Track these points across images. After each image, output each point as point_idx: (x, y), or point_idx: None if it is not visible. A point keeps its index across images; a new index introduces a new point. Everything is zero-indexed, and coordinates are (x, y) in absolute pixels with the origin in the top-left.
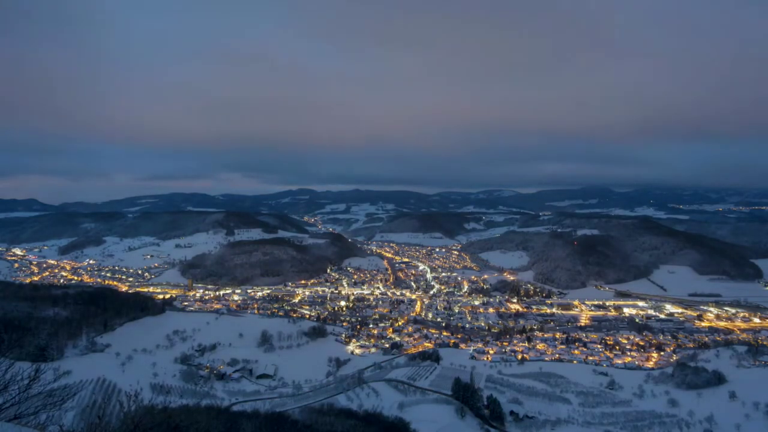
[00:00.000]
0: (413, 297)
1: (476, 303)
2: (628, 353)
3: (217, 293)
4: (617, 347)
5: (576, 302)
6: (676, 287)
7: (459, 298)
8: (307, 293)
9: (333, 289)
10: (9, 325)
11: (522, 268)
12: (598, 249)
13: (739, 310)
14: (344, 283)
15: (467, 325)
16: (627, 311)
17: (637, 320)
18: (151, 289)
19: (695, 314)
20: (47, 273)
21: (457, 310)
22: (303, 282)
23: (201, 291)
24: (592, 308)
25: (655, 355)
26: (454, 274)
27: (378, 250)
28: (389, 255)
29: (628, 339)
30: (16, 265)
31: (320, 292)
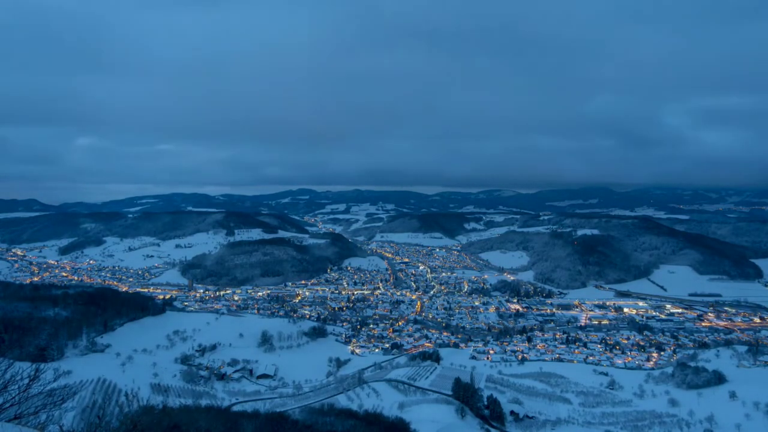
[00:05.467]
0: (413, 297)
1: (476, 303)
2: (629, 353)
3: (218, 293)
4: (617, 347)
5: (576, 302)
6: (676, 287)
7: (459, 298)
8: (307, 293)
9: (333, 289)
10: (9, 325)
11: (522, 268)
12: (598, 249)
13: (739, 310)
14: (344, 283)
15: (467, 325)
16: (627, 311)
17: (637, 320)
18: (151, 289)
19: (695, 314)
20: (47, 273)
21: (457, 310)
22: (303, 282)
23: (201, 291)
24: (593, 308)
25: (655, 355)
26: (455, 274)
27: (378, 250)
28: (389, 255)
29: (628, 339)
30: (17, 265)
31: (320, 292)
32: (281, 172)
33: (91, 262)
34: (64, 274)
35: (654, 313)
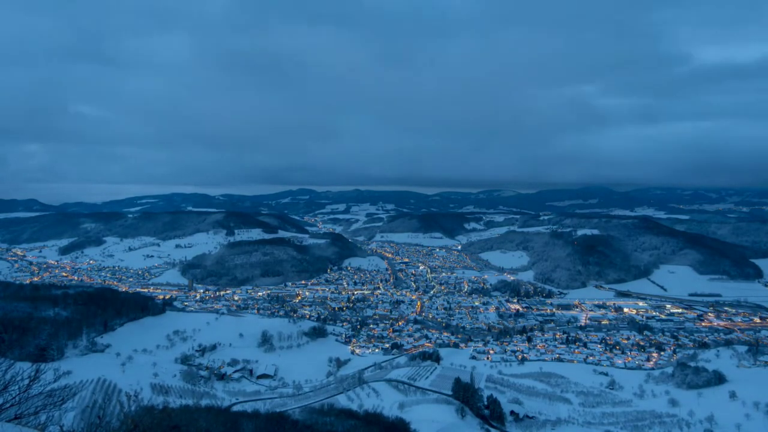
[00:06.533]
0: (413, 297)
1: (476, 303)
2: (629, 353)
3: (218, 293)
4: (617, 347)
5: (576, 302)
6: (676, 287)
7: (459, 298)
8: (307, 293)
9: (333, 289)
10: (9, 326)
11: (522, 268)
12: (598, 249)
13: (739, 310)
14: (344, 283)
15: (467, 325)
16: (627, 311)
17: (637, 320)
18: (151, 289)
19: (695, 314)
20: (47, 273)
21: (457, 310)
22: (303, 282)
23: (201, 291)
24: (593, 308)
25: (655, 355)
26: (455, 274)
27: (378, 250)
28: (389, 255)
29: (628, 339)
30: (17, 265)
31: (320, 292)
32: None
33: (91, 262)
34: (64, 274)
35: (654, 313)
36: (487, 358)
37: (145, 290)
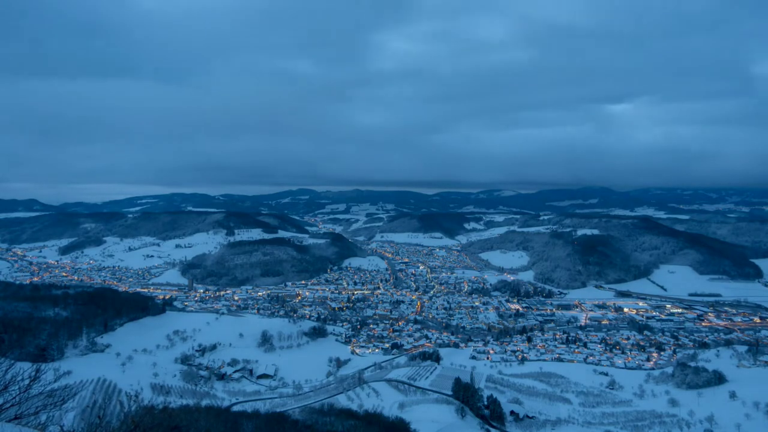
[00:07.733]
0: (413, 297)
1: (476, 303)
2: (629, 353)
3: (218, 293)
4: (617, 347)
5: (576, 302)
6: (676, 287)
7: (459, 298)
8: (307, 293)
9: (333, 289)
10: (9, 326)
11: (522, 268)
12: (598, 249)
13: (739, 310)
14: (344, 283)
15: (467, 325)
16: (627, 311)
17: (637, 320)
18: (151, 289)
19: (695, 314)
20: (47, 273)
21: (457, 311)
22: (303, 282)
23: (201, 291)
24: (593, 308)
25: (655, 355)
26: (455, 274)
27: (378, 250)
28: (389, 255)
29: (628, 339)
30: (17, 265)
31: (320, 292)
32: None
33: (91, 262)
34: (64, 274)
35: (654, 313)
36: (487, 358)
37: (145, 290)
